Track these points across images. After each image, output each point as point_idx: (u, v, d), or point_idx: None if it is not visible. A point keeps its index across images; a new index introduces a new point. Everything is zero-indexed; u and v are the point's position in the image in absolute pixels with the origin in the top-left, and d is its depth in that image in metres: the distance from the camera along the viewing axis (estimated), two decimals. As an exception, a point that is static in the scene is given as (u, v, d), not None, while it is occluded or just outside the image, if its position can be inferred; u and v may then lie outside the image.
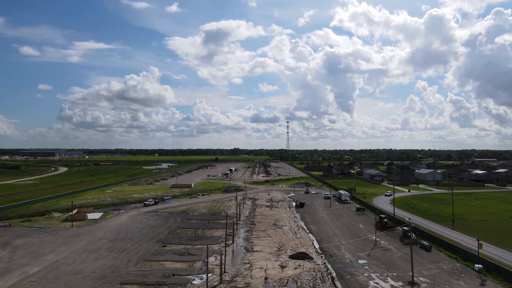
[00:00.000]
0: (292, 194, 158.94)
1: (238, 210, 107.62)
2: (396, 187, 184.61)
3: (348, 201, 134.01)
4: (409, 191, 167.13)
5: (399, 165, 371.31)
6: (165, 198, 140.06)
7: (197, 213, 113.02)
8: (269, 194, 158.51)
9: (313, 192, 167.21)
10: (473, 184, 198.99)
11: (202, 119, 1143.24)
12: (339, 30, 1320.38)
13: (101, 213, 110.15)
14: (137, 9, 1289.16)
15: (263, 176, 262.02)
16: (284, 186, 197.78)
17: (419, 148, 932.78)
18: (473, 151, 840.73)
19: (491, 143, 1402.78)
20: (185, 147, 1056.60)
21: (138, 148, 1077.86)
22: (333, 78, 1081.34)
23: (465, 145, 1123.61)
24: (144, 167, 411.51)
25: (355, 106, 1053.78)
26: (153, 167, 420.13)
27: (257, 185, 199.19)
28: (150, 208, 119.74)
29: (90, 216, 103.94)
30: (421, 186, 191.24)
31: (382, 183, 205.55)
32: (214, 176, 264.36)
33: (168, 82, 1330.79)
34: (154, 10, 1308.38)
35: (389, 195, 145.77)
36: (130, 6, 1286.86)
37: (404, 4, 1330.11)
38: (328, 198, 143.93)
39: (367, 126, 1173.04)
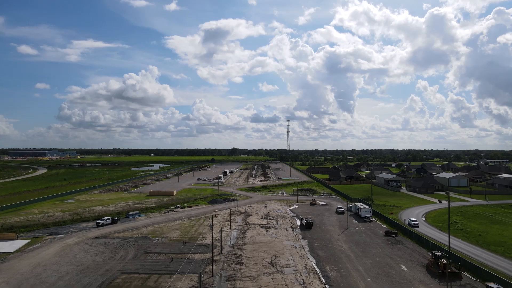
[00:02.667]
0: (295, 206, 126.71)
1: (212, 238, 75.30)
2: (421, 196, 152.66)
3: (370, 218, 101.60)
4: (440, 201, 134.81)
5: (409, 166, 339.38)
6: (129, 213, 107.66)
7: (164, 239, 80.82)
8: (266, 206, 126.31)
9: (321, 203, 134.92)
10: (508, 192, 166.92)
11: (201, 119, 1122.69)
12: (339, 29, 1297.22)
13: (27, 241, 77.88)
14: (136, 8, 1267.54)
15: (261, 180, 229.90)
16: (284, 193, 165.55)
17: (419, 148, 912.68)
18: (477, 151, 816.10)
19: (492, 144, 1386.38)
20: (184, 147, 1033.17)
21: (138, 148, 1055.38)
22: (334, 77, 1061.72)
23: (465, 145, 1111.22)
24: (132, 169, 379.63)
25: (355, 106, 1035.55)
26: (143, 168, 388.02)
27: (252, 193, 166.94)
28: (102, 231, 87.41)
29: (3, 247, 71.66)
30: (450, 194, 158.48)
31: (401, 190, 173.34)
32: (204, 180, 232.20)
33: (168, 82, 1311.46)
34: (152, 9, 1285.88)
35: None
36: (128, 4, 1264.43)
37: (405, 3, 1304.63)
38: (342, 213, 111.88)
39: (367, 126, 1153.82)
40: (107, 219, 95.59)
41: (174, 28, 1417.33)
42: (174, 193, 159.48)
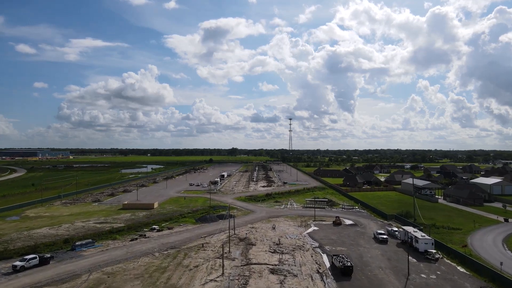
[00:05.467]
0: (313, 228, 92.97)
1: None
2: (470, 210, 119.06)
3: (435, 255, 67.21)
4: (506, 220, 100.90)
5: (427, 168, 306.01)
6: (77, 243, 73.45)
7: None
8: (274, 228, 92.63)
9: (347, 222, 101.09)
10: None
11: (201, 118, 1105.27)
12: (340, 29, 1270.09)
13: None
14: (135, 7, 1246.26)
15: (264, 186, 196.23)
16: (295, 205, 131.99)
17: (419, 148, 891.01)
18: (481, 151, 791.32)
19: (492, 144, 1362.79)
20: (184, 147, 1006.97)
21: (138, 148, 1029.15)
22: (334, 77, 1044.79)
23: (465, 145, 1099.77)
24: (122, 171, 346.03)
25: (355, 105, 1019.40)
26: (134, 170, 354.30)
27: (254, 204, 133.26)
28: (11, 285, 53.63)
29: None
30: (503, 206, 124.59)
31: (439, 200, 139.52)
32: (198, 185, 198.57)
33: (167, 81, 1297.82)
34: (152, 7, 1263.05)
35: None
36: (127, 3, 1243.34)
37: (406, 2, 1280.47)
38: (385, 241, 78.28)
39: (367, 126, 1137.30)
40: (32, 258, 61.48)
41: (173, 27, 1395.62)
42: (155, 205, 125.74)
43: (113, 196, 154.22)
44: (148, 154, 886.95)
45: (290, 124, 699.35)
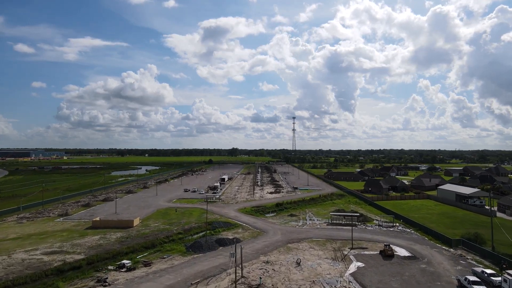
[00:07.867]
0: (357, 264, 63.65)
1: None
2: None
3: None
4: None
5: (449, 170, 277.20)
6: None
7: None
8: (299, 264, 63.50)
9: (399, 252, 71.68)
10: None
11: (201, 118, 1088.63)
12: (341, 27, 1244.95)
13: None
14: (134, 6, 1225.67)
15: (271, 192, 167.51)
16: (315, 219, 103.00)
17: (419, 148, 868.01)
18: (486, 151, 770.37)
19: (492, 144, 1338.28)
20: (184, 147, 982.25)
21: (138, 148, 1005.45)
22: (334, 77, 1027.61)
23: (465, 145, 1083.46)
24: (113, 173, 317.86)
25: (356, 105, 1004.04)
26: (126, 172, 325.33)
27: (264, 219, 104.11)
28: None
29: None
30: None
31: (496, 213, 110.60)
32: (194, 191, 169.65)
33: (167, 81, 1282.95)
34: (151, 6, 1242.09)
35: None
36: (126, 2, 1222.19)
37: (408, 1, 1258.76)
38: (484, 296, 48.92)
39: (367, 126, 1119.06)
40: None
41: (173, 26, 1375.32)
42: (136, 222, 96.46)
43: (88, 206, 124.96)
44: (146, 155, 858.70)
45: (293, 123, 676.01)
